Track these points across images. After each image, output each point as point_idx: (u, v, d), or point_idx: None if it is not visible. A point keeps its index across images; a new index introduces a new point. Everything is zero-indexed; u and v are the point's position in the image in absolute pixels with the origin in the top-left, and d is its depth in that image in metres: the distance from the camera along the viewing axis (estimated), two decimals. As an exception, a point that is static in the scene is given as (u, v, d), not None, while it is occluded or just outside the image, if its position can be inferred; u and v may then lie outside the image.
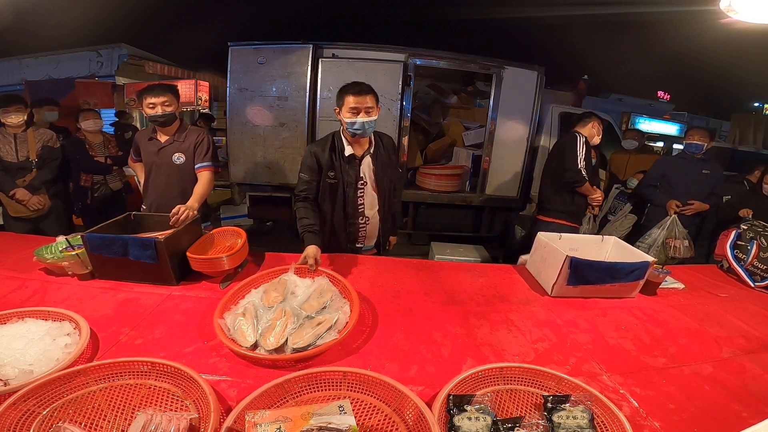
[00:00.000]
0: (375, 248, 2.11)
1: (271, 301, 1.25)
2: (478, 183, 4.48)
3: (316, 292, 1.32)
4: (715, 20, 1.71)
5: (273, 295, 1.29)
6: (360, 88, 1.73)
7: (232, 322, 1.16)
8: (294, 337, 1.11)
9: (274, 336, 1.10)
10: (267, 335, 1.11)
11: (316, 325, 1.16)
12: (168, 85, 2.17)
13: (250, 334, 1.12)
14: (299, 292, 1.33)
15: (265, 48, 3.92)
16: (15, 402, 0.82)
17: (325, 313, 1.22)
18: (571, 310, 1.52)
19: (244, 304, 1.26)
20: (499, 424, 0.86)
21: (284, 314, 1.18)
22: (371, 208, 1.97)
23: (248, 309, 1.21)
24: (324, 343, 1.11)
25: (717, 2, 1.56)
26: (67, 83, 6.45)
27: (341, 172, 1.84)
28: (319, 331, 1.14)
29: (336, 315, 1.21)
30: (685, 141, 3.21)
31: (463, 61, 4.20)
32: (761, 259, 1.88)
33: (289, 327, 1.14)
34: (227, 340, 1.12)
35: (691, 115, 11.63)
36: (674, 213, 3.02)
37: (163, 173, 2.17)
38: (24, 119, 2.69)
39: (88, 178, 3.28)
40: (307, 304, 1.25)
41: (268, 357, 1.07)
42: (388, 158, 1.95)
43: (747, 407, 1.02)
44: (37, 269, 1.57)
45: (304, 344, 1.09)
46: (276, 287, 1.34)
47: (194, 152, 2.16)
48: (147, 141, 2.18)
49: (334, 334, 1.15)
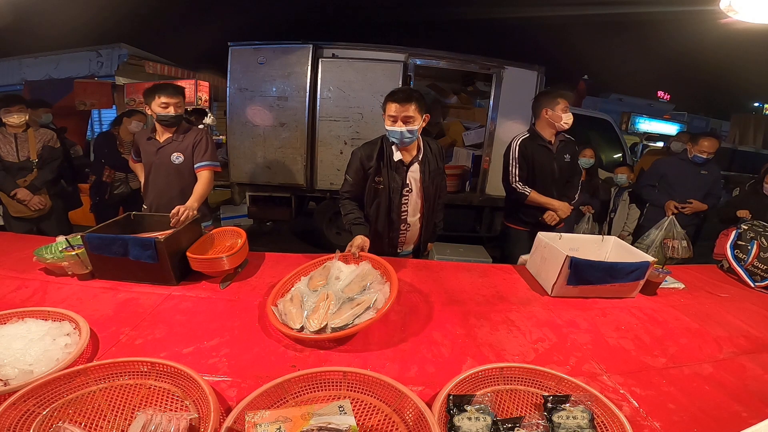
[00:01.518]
0: (413, 253, 2.11)
1: (315, 286, 1.34)
2: (478, 183, 4.48)
3: (358, 277, 1.40)
4: (715, 20, 1.71)
5: (317, 280, 1.38)
6: (402, 96, 1.69)
7: (282, 308, 1.25)
8: (333, 317, 1.18)
9: (317, 318, 1.17)
10: (312, 317, 1.18)
11: (354, 305, 1.23)
12: (180, 86, 2.18)
13: (298, 317, 1.20)
14: (343, 277, 1.41)
15: (265, 48, 3.92)
16: (15, 402, 0.81)
17: (365, 295, 1.29)
18: (571, 310, 1.52)
19: (293, 291, 1.34)
20: (499, 424, 0.86)
21: (327, 297, 1.26)
22: (413, 215, 1.96)
23: (295, 295, 1.30)
24: (361, 322, 1.17)
25: (717, 2, 1.56)
26: (67, 83, 6.43)
27: (388, 178, 1.83)
28: (357, 311, 1.20)
29: (375, 296, 1.27)
30: (696, 152, 3.01)
31: (463, 61, 4.20)
32: (761, 259, 1.88)
33: (331, 309, 1.21)
34: (280, 325, 1.19)
35: (691, 115, 11.64)
36: (672, 214, 3.03)
37: (162, 173, 2.17)
38: (26, 119, 2.69)
39: (110, 173, 3.39)
40: (348, 288, 1.33)
41: (311, 337, 1.14)
42: (436, 165, 1.92)
43: (747, 407, 1.02)
44: (37, 269, 1.57)
45: (342, 324, 1.16)
46: (321, 273, 1.43)
47: (193, 151, 2.16)
48: (146, 141, 2.18)
49: (372, 314, 1.20)
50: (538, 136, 2.36)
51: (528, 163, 2.35)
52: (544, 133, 2.35)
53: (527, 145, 2.35)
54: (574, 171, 2.49)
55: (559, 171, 2.39)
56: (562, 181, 2.43)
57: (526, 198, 2.35)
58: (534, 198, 2.34)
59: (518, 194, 2.36)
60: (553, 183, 2.39)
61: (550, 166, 2.36)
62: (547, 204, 2.35)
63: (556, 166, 2.37)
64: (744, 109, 13.76)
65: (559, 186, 2.41)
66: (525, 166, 2.36)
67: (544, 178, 2.36)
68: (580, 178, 2.57)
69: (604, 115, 5.66)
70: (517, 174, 2.36)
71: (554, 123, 2.30)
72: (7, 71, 7.44)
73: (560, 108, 2.27)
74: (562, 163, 2.40)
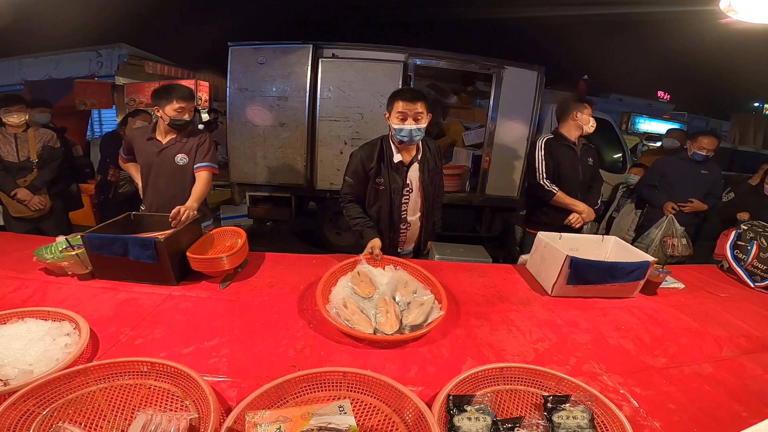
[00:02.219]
0: (413, 252, 2.11)
1: (367, 292, 1.39)
2: (478, 183, 4.48)
3: (400, 282, 1.46)
4: (715, 20, 1.70)
5: (366, 286, 1.42)
6: (411, 94, 1.70)
7: (342, 314, 1.27)
8: (407, 317, 1.26)
9: (390, 321, 1.24)
10: (384, 322, 1.24)
11: (419, 305, 1.32)
12: (192, 90, 2.15)
13: (365, 322, 1.24)
14: (381, 282, 1.47)
15: (265, 48, 3.92)
16: (15, 402, 0.81)
17: (421, 296, 1.37)
18: (571, 310, 1.52)
19: (340, 298, 1.35)
20: (499, 424, 0.86)
21: (386, 302, 1.32)
22: (413, 214, 1.97)
23: (349, 301, 1.32)
24: (434, 319, 1.27)
25: (717, 2, 1.56)
26: (67, 83, 6.44)
27: (389, 179, 1.83)
28: (426, 309, 1.30)
29: (430, 296, 1.37)
30: (695, 149, 3.03)
31: (463, 61, 4.20)
32: (761, 260, 1.88)
33: (398, 311, 1.30)
34: (350, 330, 1.21)
35: (691, 115, 11.62)
36: (671, 214, 3.03)
37: (163, 174, 2.14)
38: (26, 119, 2.69)
39: (115, 172, 3.38)
40: (398, 292, 1.41)
41: (391, 338, 1.20)
42: (435, 164, 1.93)
43: (747, 407, 1.02)
44: (37, 269, 1.57)
45: (419, 322, 1.25)
46: (363, 279, 1.47)
47: (196, 152, 2.15)
48: (145, 141, 2.13)
49: (438, 311, 1.31)
50: (563, 137, 2.40)
51: (554, 161, 2.37)
52: (569, 135, 2.39)
53: (552, 144, 2.39)
54: (595, 177, 2.52)
55: (583, 173, 2.41)
56: (585, 184, 2.44)
57: (552, 196, 2.33)
58: (560, 198, 2.33)
59: (545, 192, 2.34)
60: (578, 185, 2.39)
61: (574, 167, 2.38)
62: (572, 205, 2.33)
63: (580, 168, 2.39)
64: (744, 109, 13.75)
65: (583, 189, 2.42)
66: (552, 164, 2.37)
67: (569, 179, 2.37)
68: (601, 184, 2.58)
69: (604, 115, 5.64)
70: (545, 171, 2.36)
71: (582, 126, 2.36)
72: (7, 71, 7.44)
73: (588, 112, 2.35)
74: (585, 165, 2.42)
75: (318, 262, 1.80)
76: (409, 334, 1.21)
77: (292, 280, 1.62)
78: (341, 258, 1.84)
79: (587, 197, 2.43)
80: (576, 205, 2.33)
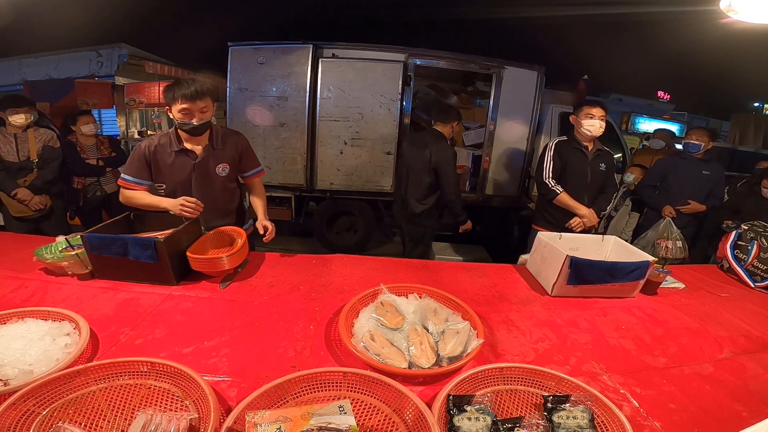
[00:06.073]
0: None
1: (395, 323, 1.25)
2: (478, 183, 4.48)
3: (427, 310, 1.31)
4: (715, 20, 1.71)
5: (393, 317, 1.27)
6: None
7: (370, 348, 1.13)
8: (443, 349, 1.13)
9: (426, 354, 1.11)
10: (419, 355, 1.10)
11: (455, 333, 1.18)
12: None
13: (398, 355, 1.11)
14: (408, 311, 1.32)
15: (265, 48, 3.92)
16: (15, 402, 0.81)
17: (455, 324, 1.23)
18: (571, 309, 1.52)
19: (366, 330, 1.21)
20: (499, 424, 0.86)
21: (417, 333, 1.18)
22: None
23: (376, 334, 1.18)
24: (472, 348, 1.13)
25: (717, 2, 1.56)
26: (67, 83, 6.44)
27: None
28: (463, 338, 1.16)
29: (465, 323, 1.23)
30: (684, 140, 3.19)
31: (463, 61, 4.20)
32: (761, 260, 1.88)
33: (432, 342, 1.16)
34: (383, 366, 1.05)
35: (691, 115, 11.62)
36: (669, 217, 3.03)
37: (203, 189, 1.81)
38: (32, 120, 2.70)
39: (80, 180, 3.27)
40: (429, 321, 1.25)
41: (429, 372, 1.06)
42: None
43: (748, 407, 1.02)
44: (37, 269, 1.57)
45: (458, 353, 1.12)
46: (388, 309, 1.31)
47: (240, 160, 1.92)
48: (174, 154, 1.75)
49: (476, 340, 1.17)
50: (575, 140, 2.43)
51: (562, 162, 2.41)
52: (581, 139, 2.42)
53: (563, 146, 2.44)
54: (608, 182, 2.53)
55: (592, 177, 2.43)
56: (594, 189, 2.46)
57: (556, 196, 2.39)
58: (563, 199, 2.38)
59: (549, 191, 2.41)
60: (585, 188, 2.42)
61: (582, 170, 2.41)
62: (574, 208, 2.38)
63: (588, 172, 2.41)
64: (744, 109, 13.73)
65: (590, 193, 2.45)
66: (559, 165, 2.41)
67: (576, 182, 2.41)
68: (614, 191, 2.63)
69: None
70: (551, 170, 2.42)
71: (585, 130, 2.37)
72: (7, 71, 7.44)
73: (590, 114, 2.35)
74: (596, 170, 2.44)
75: (318, 262, 1.80)
76: (447, 367, 1.07)
77: (292, 280, 1.62)
78: (342, 259, 1.85)
79: (596, 201, 2.46)
80: (578, 209, 2.38)
